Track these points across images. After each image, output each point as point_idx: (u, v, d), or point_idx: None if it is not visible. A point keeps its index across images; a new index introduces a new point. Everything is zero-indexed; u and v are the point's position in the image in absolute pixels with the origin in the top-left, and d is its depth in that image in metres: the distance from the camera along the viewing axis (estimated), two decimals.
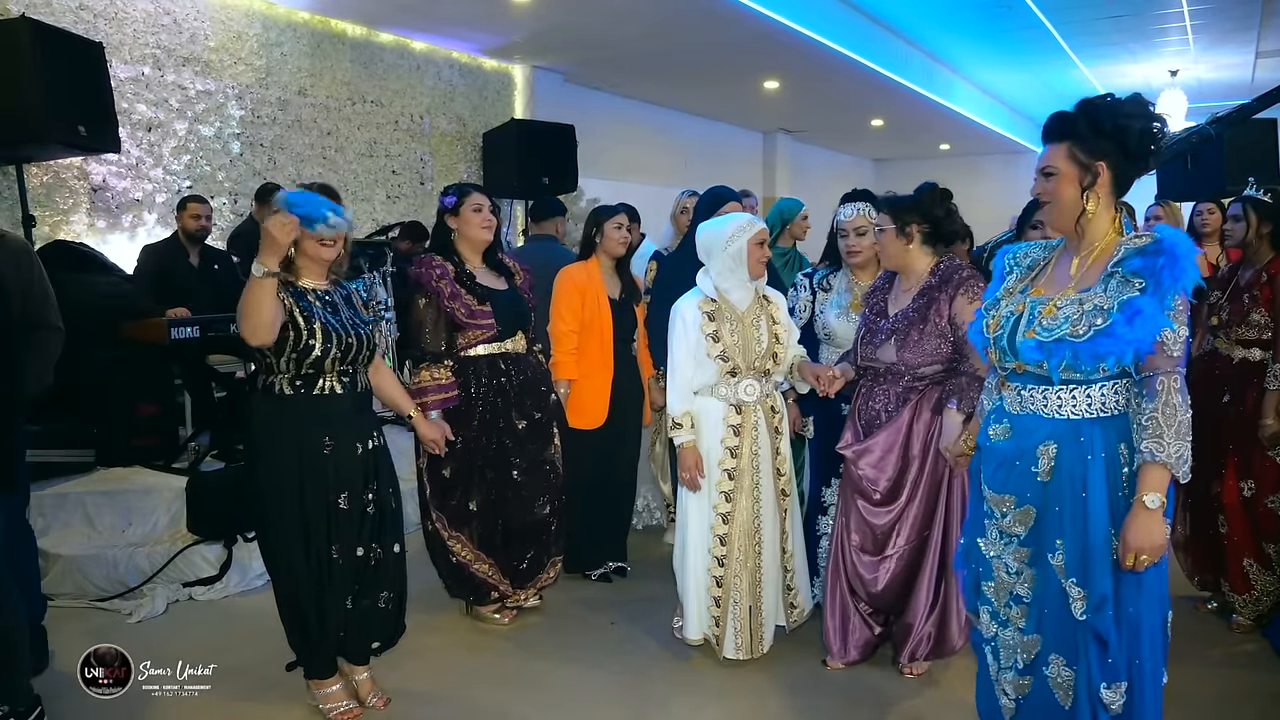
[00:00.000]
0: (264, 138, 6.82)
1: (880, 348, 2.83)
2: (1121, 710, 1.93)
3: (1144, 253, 1.87)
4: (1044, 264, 2.09)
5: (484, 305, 3.24)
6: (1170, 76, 10.86)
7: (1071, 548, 1.95)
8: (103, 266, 5.06)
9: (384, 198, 7.79)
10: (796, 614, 3.16)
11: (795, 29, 7.98)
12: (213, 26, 6.45)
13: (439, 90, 8.28)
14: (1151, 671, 1.93)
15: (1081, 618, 1.94)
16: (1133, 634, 1.92)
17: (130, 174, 5.95)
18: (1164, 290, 1.82)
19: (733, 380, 2.98)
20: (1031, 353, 1.94)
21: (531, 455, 3.37)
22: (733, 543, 3.00)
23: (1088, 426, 1.93)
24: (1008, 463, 2.05)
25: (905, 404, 2.81)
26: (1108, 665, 1.92)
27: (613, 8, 7.17)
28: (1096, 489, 1.91)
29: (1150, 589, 1.92)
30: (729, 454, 2.99)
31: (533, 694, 2.97)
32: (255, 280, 2.40)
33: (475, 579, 3.36)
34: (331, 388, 2.59)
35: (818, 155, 15.06)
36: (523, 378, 3.35)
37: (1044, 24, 9.10)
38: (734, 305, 3.00)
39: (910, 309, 2.80)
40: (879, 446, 2.83)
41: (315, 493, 2.57)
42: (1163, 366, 1.85)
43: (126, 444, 4.52)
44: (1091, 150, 1.94)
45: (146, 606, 3.61)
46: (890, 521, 2.85)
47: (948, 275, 2.80)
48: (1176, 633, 3.24)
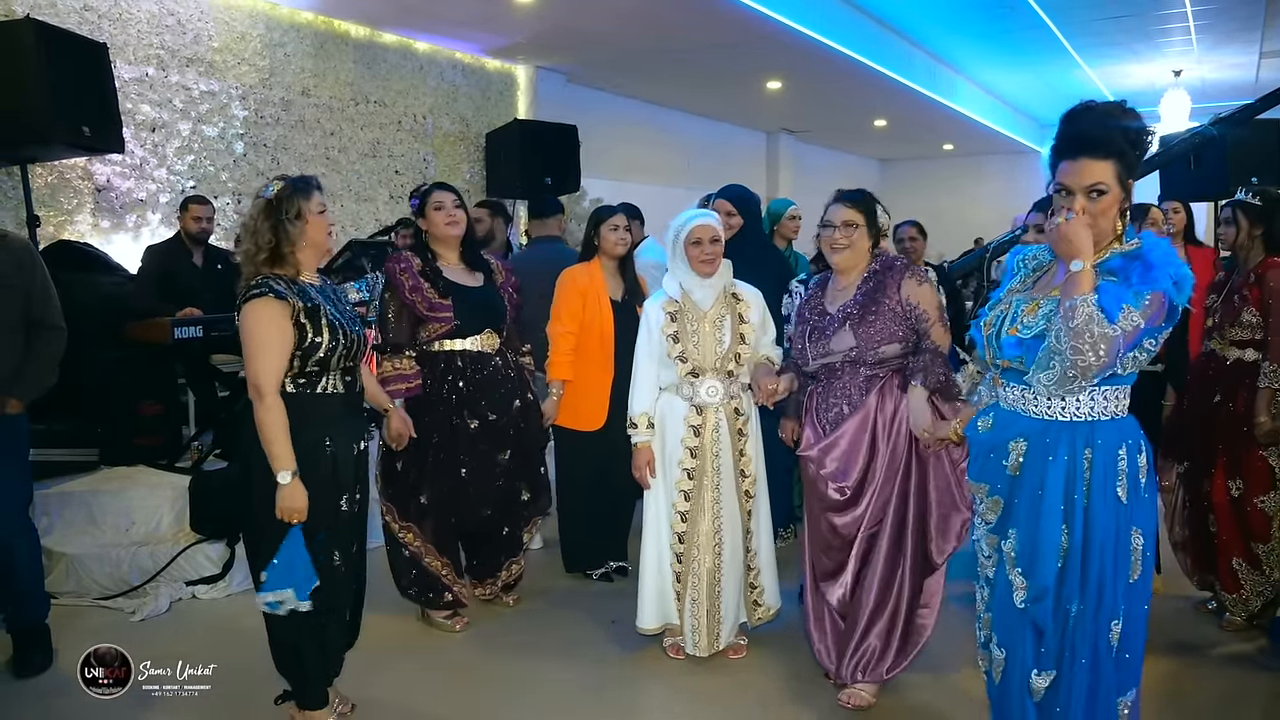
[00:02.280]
0: (267, 138, 6.84)
1: (834, 338, 2.73)
2: (1043, 697, 2.00)
3: (1125, 256, 1.91)
4: (1048, 268, 2.10)
5: (444, 299, 3.25)
6: (1174, 77, 10.84)
7: (1022, 538, 2.02)
8: (106, 266, 5.08)
9: (387, 198, 7.81)
10: (761, 612, 3.17)
11: (798, 29, 7.98)
12: (216, 27, 6.47)
13: (442, 90, 8.30)
14: (1082, 670, 1.96)
15: (1021, 605, 2.02)
16: (1071, 631, 1.96)
17: (134, 174, 5.96)
18: (1131, 284, 1.84)
19: (694, 381, 3.00)
20: (1011, 349, 1.99)
21: (481, 456, 3.33)
22: (690, 541, 3.04)
23: (1055, 428, 1.97)
24: (984, 454, 2.13)
25: (868, 393, 2.71)
26: (1040, 654, 2.01)
27: (616, 8, 7.18)
28: (1053, 489, 1.96)
29: (1106, 601, 1.94)
30: (689, 454, 3.02)
31: (527, 694, 2.97)
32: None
33: (427, 573, 3.36)
34: (334, 387, 2.53)
35: (821, 156, 15.05)
36: (479, 377, 3.31)
37: (1047, 24, 9.10)
38: (697, 304, 3.02)
39: (857, 296, 2.74)
40: (845, 438, 2.72)
41: (318, 497, 2.45)
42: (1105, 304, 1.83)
43: (130, 443, 4.54)
44: (1130, 169, 1.94)
45: (150, 605, 3.62)
46: (855, 519, 2.74)
47: (889, 263, 2.79)
48: (1178, 633, 3.30)
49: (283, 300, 2.41)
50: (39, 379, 3.14)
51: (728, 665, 3.11)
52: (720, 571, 3.05)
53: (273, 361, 2.40)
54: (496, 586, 3.60)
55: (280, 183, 2.51)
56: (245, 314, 2.42)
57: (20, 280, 3.06)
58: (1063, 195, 1.94)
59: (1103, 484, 1.93)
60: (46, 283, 3.16)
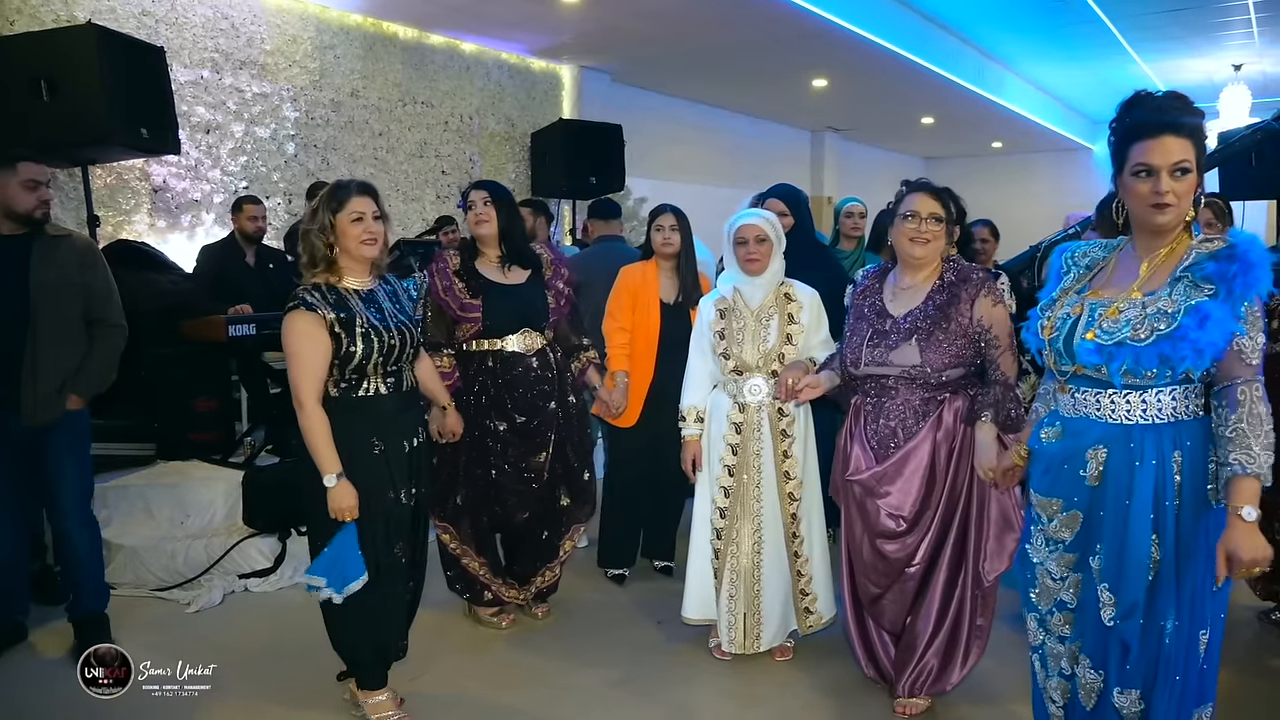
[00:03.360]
0: (318, 139, 6.94)
1: (896, 350, 2.54)
2: (1130, 714, 1.91)
3: (1216, 257, 1.81)
4: (1103, 264, 2.01)
5: (475, 299, 3.23)
6: (1233, 71, 10.54)
7: (1109, 553, 1.91)
8: (163, 265, 5.19)
9: (433, 198, 7.89)
10: (813, 619, 3.10)
11: (844, 26, 7.90)
12: (269, 30, 6.58)
13: (488, 91, 8.36)
14: (1175, 686, 1.87)
15: (1110, 623, 1.91)
16: (1167, 647, 1.86)
17: (189, 175, 6.09)
18: (1235, 297, 1.76)
19: (738, 379, 2.99)
20: (1090, 356, 1.88)
21: (512, 459, 3.28)
22: (728, 538, 3.04)
23: (1139, 432, 1.87)
24: (1055, 466, 2.01)
25: (926, 417, 2.56)
26: (1125, 671, 1.91)
27: (660, 7, 7.17)
28: (1142, 497, 1.85)
29: (1199, 612, 1.85)
30: (730, 450, 3.03)
31: (570, 691, 2.98)
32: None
33: (467, 574, 3.39)
34: (377, 389, 2.57)
35: (866, 154, 14.90)
36: (509, 378, 3.25)
37: (1100, 18, 8.90)
38: (747, 302, 3.02)
39: (928, 308, 2.55)
40: (905, 468, 2.56)
41: (370, 495, 2.51)
42: (1241, 374, 1.79)
43: (185, 438, 4.64)
44: (1202, 154, 1.86)
45: (204, 597, 3.69)
46: (909, 547, 2.62)
47: (965, 274, 2.58)
48: (1241, 643, 3.21)
49: (314, 312, 2.45)
50: (99, 376, 3.20)
51: (773, 667, 3.10)
52: (760, 572, 3.03)
53: (309, 372, 2.46)
54: (530, 592, 3.51)
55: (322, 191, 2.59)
56: (284, 326, 2.49)
57: (82, 278, 3.13)
58: (1142, 176, 1.85)
59: (1194, 488, 1.84)
60: (108, 281, 3.23)
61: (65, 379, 3.09)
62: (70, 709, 2.79)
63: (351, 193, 2.54)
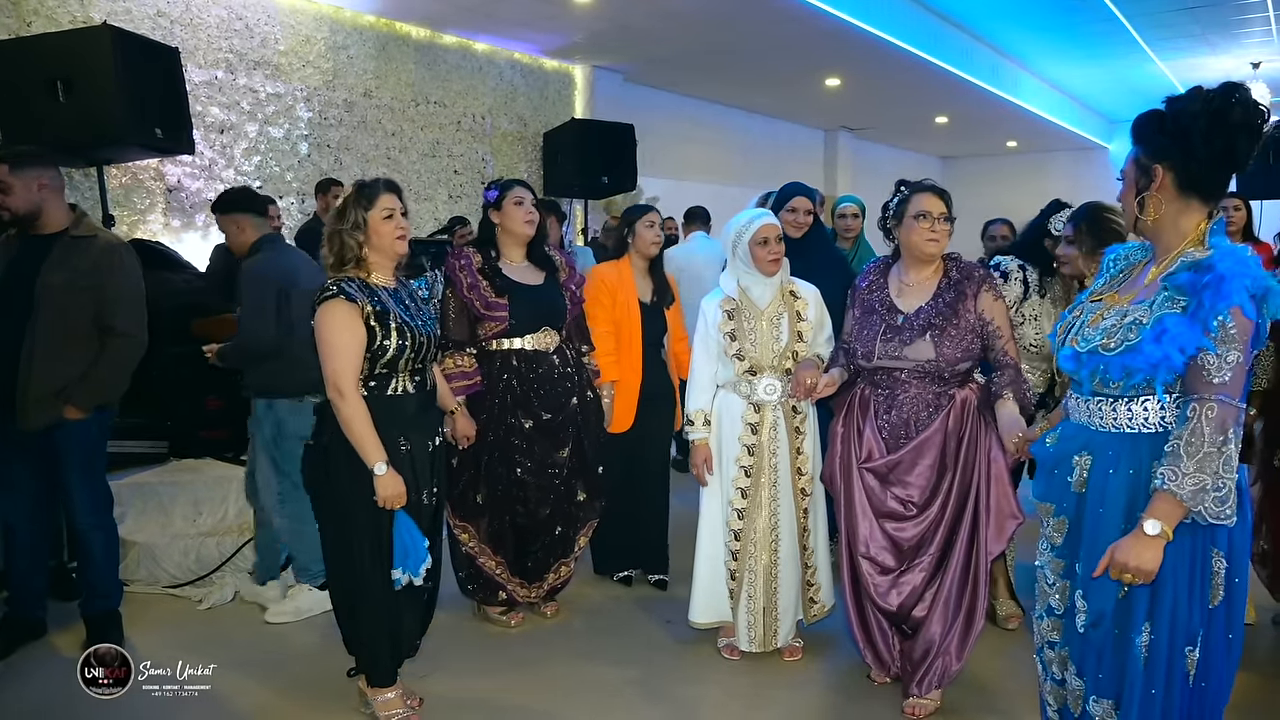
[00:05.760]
0: (331, 139, 6.97)
1: (911, 345, 2.63)
2: None
3: (1196, 268, 1.75)
4: (1135, 268, 1.98)
5: (500, 298, 3.24)
6: (1252, 69, 10.45)
7: (1085, 561, 1.88)
8: (177, 264, 5.23)
9: (446, 197, 7.91)
10: (817, 609, 3.16)
11: (858, 25, 7.88)
12: (283, 31, 6.62)
13: (500, 91, 8.37)
14: (1153, 701, 1.81)
15: (1080, 630, 1.91)
16: (1129, 661, 1.82)
17: (203, 175, 6.13)
18: (1204, 311, 1.69)
19: (752, 379, 2.99)
20: (1066, 362, 1.91)
21: (538, 457, 3.30)
22: (747, 538, 3.03)
23: (1117, 440, 1.84)
24: (1048, 469, 2.02)
25: (939, 410, 2.65)
26: (1098, 680, 1.89)
27: (673, 7, 7.16)
28: (1114, 505, 1.83)
29: (1180, 627, 1.79)
30: (746, 451, 3.01)
31: (582, 691, 2.98)
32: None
33: (483, 573, 3.39)
34: (404, 388, 2.57)
35: (880, 153, 14.85)
36: (533, 376, 3.28)
37: (1117, 17, 8.84)
38: (754, 302, 3.01)
39: (939, 305, 2.65)
40: (917, 459, 2.66)
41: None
42: (1198, 391, 1.70)
43: (197, 436, 4.66)
44: (1152, 153, 1.84)
45: (216, 594, 3.71)
46: (919, 533, 2.70)
47: (968, 271, 2.70)
48: (1256, 647, 3.17)
49: (353, 302, 2.45)
50: (103, 386, 3.06)
51: (782, 666, 3.09)
52: (777, 568, 3.05)
53: (349, 361, 2.44)
54: (542, 589, 3.51)
55: (351, 190, 2.58)
56: (319, 316, 2.47)
57: (92, 283, 3.00)
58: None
59: None
60: (123, 288, 3.06)
61: (64, 385, 2.98)
62: (85, 705, 2.79)
63: (380, 190, 2.56)
